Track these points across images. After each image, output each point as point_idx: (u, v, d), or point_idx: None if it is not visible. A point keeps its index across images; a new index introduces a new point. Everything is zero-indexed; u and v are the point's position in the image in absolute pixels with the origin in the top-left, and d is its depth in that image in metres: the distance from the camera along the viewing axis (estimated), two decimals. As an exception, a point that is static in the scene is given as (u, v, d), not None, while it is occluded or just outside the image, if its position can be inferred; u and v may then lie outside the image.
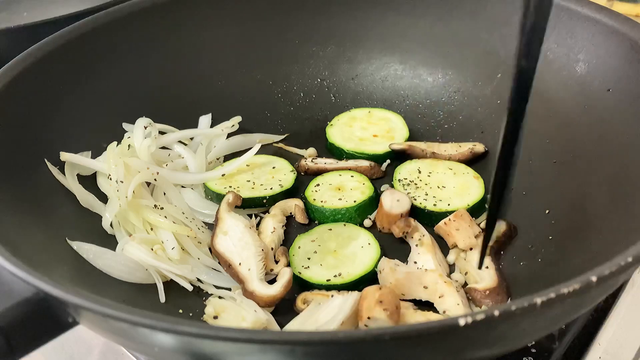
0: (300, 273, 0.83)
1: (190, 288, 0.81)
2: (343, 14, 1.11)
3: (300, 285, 0.82)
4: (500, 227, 0.85)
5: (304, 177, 1.00)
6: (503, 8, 1.00)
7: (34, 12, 1.49)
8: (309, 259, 0.85)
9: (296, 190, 0.97)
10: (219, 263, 0.85)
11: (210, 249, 0.87)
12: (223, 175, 0.96)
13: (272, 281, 0.81)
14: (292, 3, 1.10)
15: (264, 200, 0.94)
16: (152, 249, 0.83)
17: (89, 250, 0.80)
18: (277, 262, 0.84)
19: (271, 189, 0.95)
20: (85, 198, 0.88)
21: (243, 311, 0.75)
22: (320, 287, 0.81)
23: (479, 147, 0.99)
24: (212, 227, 0.89)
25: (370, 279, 0.82)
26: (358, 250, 0.85)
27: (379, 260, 0.83)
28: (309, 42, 1.12)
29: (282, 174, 0.99)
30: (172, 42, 1.06)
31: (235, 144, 1.05)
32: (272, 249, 0.86)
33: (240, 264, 0.81)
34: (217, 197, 0.94)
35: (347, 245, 0.86)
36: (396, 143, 1.01)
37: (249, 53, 1.10)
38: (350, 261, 0.84)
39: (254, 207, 0.94)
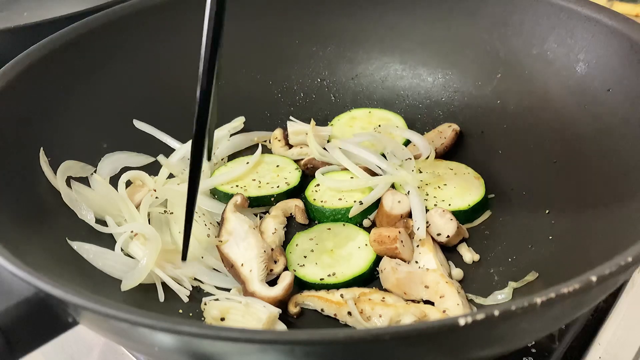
0: (295, 271, 0.83)
1: (186, 300, 0.80)
2: (343, 14, 1.11)
3: (295, 283, 0.82)
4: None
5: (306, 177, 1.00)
6: (503, 8, 1.00)
7: (34, 12, 1.49)
8: (305, 257, 0.85)
9: (302, 188, 0.97)
10: (223, 262, 0.85)
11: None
12: (238, 185, 0.96)
13: (272, 282, 0.81)
14: (292, 3, 1.11)
15: (272, 199, 0.94)
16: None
17: (89, 250, 0.80)
18: (275, 262, 0.84)
19: (278, 187, 0.96)
20: (68, 194, 0.87)
21: (252, 309, 0.74)
22: (313, 285, 0.81)
23: (455, 126, 1.02)
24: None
25: (365, 279, 0.82)
26: (354, 250, 0.85)
27: (374, 262, 0.83)
28: (309, 42, 1.12)
29: (287, 172, 0.99)
30: (172, 42, 1.06)
31: (237, 143, 1.06)
32: (272, 250, 0.86)
33: (242, 264, 0.81)
34: (224, 197, 0.94)
35: (344, 245, 0.86)
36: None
37: (249, 53, 1.10)
38: (346, 261, 0.84)
39: (262, 205, 0.95)
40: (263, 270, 0.81)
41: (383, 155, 0.98)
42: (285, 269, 0.83)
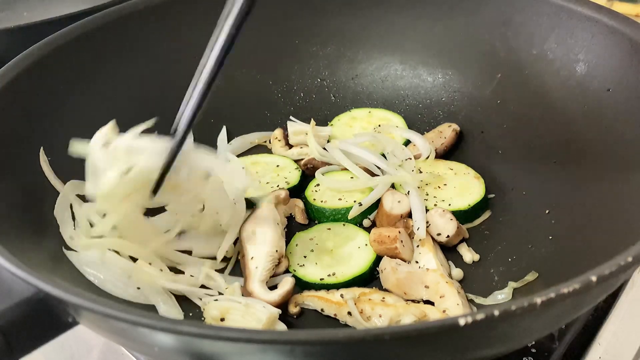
0: (295, 271, 0.83)
1: (202, 304, 0.78)
2: (343, 14, 1.11)
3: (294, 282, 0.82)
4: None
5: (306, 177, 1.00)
6: (503, 8, 1.00)
7: (34, 12, 1.49)
8: (305, 257, 0.85)
9: (302, 188, 0.97)
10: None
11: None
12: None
13: (273, 282, 0.81)
14: (292, 3, 1.10)
15: None
16: (161, 270, 0.80)
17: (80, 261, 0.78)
18: (279, 261, 0.84)
19: (278, 186, 0.95)
20: (62, 207, 0.84)
21: (252, 309, 0.74)
22: (313, 285, 0.81)
23: (455, 126, 1.02)
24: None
25: (365, 279, 0.82)
26: (354, 250, 0.85)
27: (374, 262, 0.83)
28: (309, 42, 1.12)
29: (287, 172, 0.99)
30: (172, 42, 1.06)
31: (236, 147, 1.05)
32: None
33: (252, 258, 0.82)
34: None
35: (344, 245, 0.86)
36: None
37: (249, 53, 1.10)
38: (346, 261, 0.84)
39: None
40: (268, 270, 0.81)
41: (383, 155, 0.98)
42: (286, 270, 0.84)
